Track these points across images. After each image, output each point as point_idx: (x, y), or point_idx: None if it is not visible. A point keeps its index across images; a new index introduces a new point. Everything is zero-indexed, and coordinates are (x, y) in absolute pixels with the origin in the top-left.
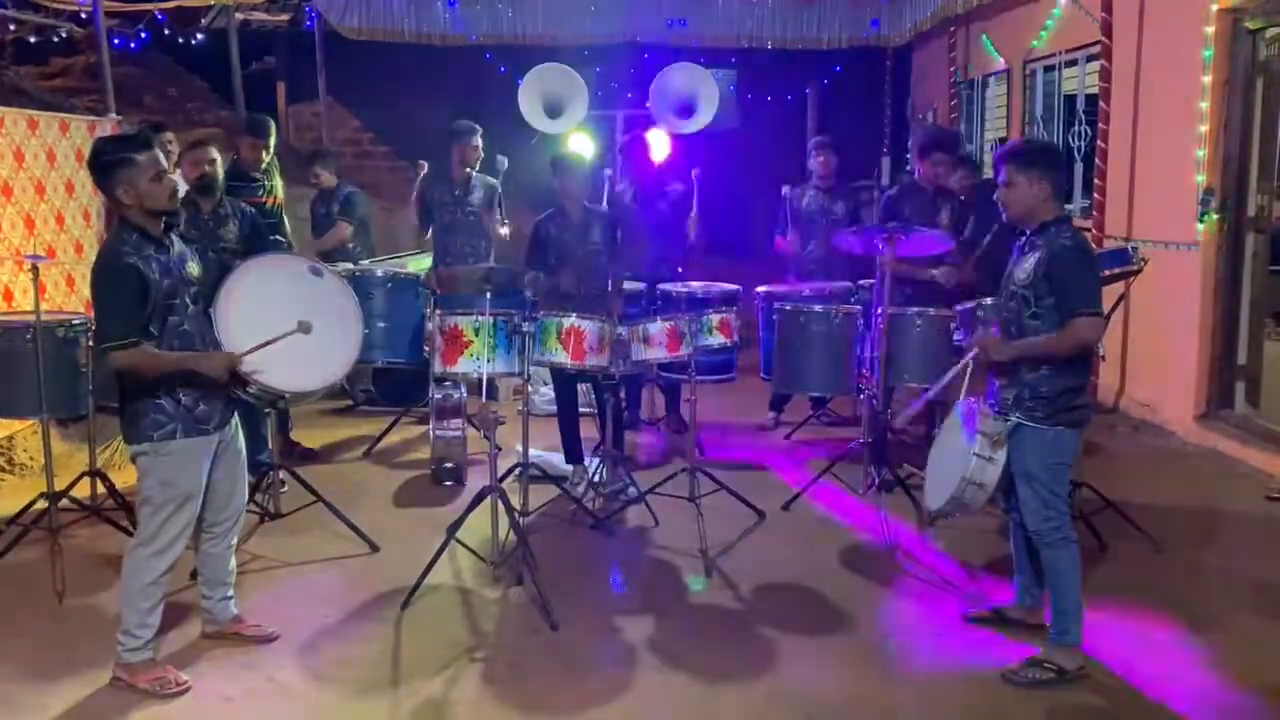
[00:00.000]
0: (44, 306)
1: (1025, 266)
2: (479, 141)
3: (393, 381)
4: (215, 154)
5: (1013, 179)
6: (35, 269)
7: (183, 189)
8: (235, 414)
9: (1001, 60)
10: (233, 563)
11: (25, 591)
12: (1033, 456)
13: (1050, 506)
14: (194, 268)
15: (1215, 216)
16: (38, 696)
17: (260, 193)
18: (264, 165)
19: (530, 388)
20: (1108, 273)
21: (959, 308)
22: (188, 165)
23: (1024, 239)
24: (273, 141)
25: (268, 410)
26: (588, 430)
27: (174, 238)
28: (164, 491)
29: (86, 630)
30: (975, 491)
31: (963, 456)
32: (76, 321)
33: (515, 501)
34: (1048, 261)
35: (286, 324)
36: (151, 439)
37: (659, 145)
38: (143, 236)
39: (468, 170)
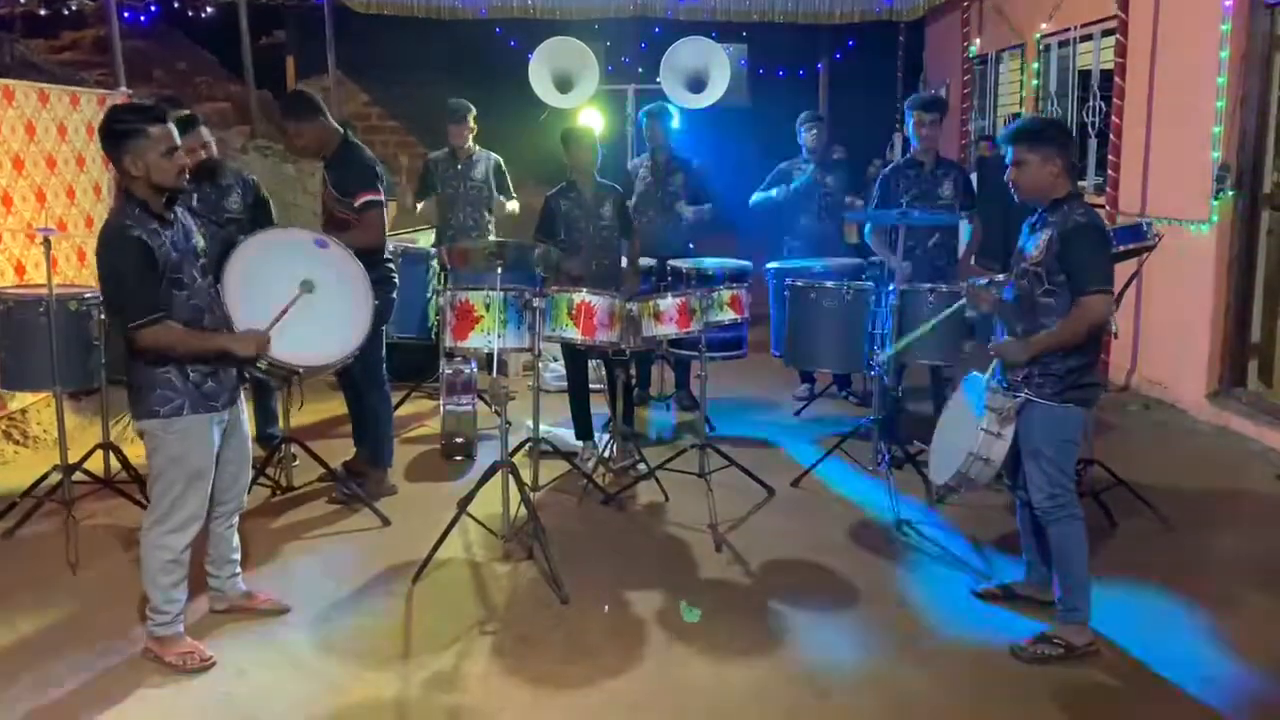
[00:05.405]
0: (56, 280)
1: (1036, 244)
2: (471, 121)
3: (403, 356)
4: (207, 136)
5: (1022, 158)
6: (47, 242)
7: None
8: (241, 393)
9: (1015, 35)
10: (236, 540)
11: (39, 564)
12: (1041, 433)
13: (1056, 484)
14: (200, 240)
15: (1230, 193)
16: (52, 668)
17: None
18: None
19: (539, 363)
20: (1122, 248)
21: (970, 282)
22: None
23: (1035, 216)
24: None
25: (278, 386)
26: (598, 406)
27: (179, 211)
28: (175, 468)
29: (100, 602)
30: (982, 467)
31: (971, 431)
32: (89, 295)
33: (525, 476)
34: (1060, 239)
35: (291, 291)
36: (158, 415)
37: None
38: (145, 210)
39: (464, 148)
